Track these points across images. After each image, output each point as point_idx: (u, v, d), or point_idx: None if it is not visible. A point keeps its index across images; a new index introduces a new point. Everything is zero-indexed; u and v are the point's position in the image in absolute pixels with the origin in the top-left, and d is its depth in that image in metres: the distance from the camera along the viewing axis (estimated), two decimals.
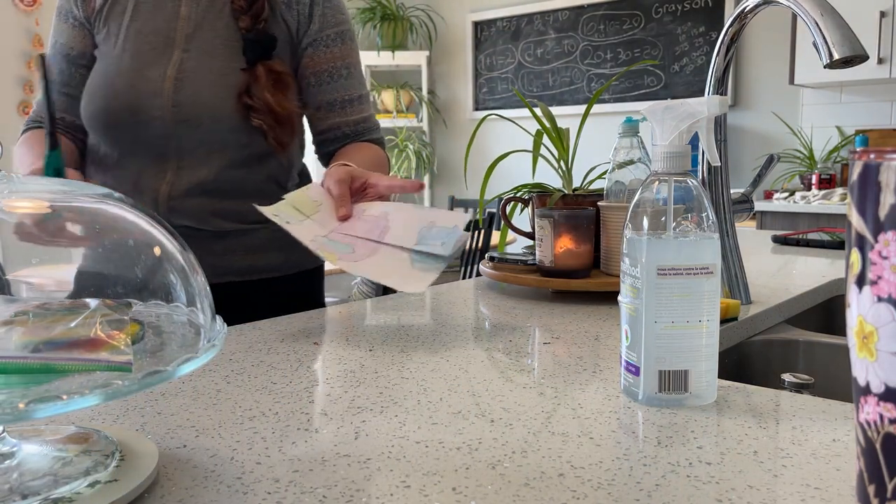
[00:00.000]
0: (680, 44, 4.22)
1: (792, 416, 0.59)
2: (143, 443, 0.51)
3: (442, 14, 5.15)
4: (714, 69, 1.00)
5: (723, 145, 1.01)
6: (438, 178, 5.31)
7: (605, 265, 1.08)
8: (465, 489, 0.47)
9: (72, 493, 0.43)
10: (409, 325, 0.92)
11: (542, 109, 1.18)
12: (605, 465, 0.50)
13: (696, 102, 0.62)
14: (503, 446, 0.53)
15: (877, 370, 0.38)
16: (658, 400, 0.61)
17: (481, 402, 0.63)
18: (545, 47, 4.74)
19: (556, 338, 0.85)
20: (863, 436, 0.40)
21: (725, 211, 1.01)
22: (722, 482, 0.47)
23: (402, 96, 5.02)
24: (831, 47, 0.83)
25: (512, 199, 1.20)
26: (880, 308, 0.37)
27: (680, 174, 0.61)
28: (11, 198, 0.47)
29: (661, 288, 0.59)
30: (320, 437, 0.55)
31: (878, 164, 0.37)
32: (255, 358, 0.77)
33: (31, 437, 0.50)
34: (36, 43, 3.56)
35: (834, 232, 1.72)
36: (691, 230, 0.60)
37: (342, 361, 0.76)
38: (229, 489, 0.47)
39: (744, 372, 0.94)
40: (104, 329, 0.45)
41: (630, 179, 1.07)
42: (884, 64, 3.31)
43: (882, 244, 0.37)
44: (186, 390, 0.67)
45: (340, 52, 1.22)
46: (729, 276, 1.01)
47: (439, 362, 0.75)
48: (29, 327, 0.44)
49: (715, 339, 0.61)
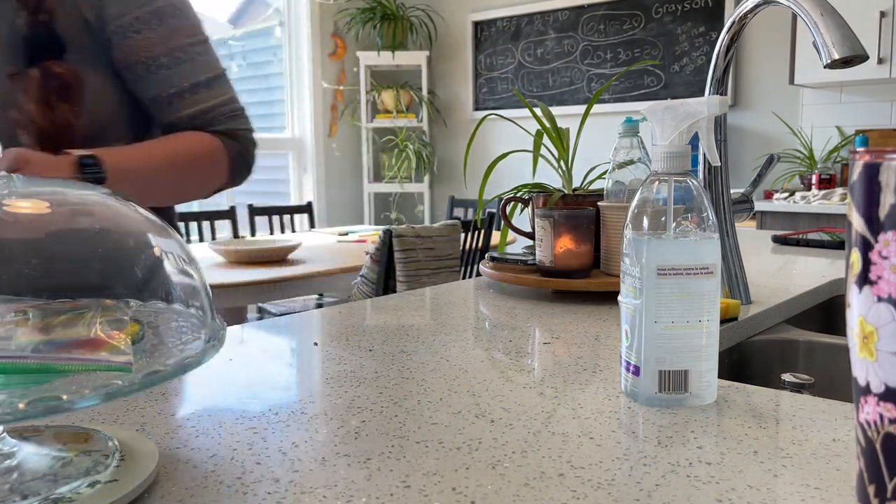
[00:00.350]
0: (680, 44, 4.22)
1: (792, 416, 0.59)
2: (143, 443, 0.51)
3: (442, 14, 5.15)
4: (714, 69, 1.00)
5: (723, 145, 1.01)
6: (438, 178, 5.31)
7: (605, 265, 1.08)
8: (465, 489, 0.47)
9: (72, 493, 0.43)
10: (409, 325, 0.92)
11: (542, 109, 1.18)
12: (605, 465, 0.50)
13: (696, 102, 0.62)
14: (503, 446, 0.53)
15: (877, 370, 0.38)
16: (658, 400, 0.61)
17: (481, 402, 0.63)
18: (545, 47, 4.74)
19: (556, 338, 0.85)
20: (863, 436, 0.40)
21: (725, 211, 1.01)
22: (722, 482, 0.47)
23: (402, 96, 5.02)
24: (831, 47, 0.83)
25: (512, 199, 1.20)
26: (880, 308, 0.37)
27: (680, 174, 0.61)
28: (11, 198, 0.47)
29: (661, 288, 0.59)
30: (320, 437, 0.55)
31: (878, 164, 0.37)
32: (255, 358, 0.77)
33: (31, 437, 0.50)
34: None
35: (834, 232, 1.72)
36: (691, 230, 0.60)
37: (342, 361, 0.76)
38: (229, 489, 0.47)
39: (744, 372, 0.94)
40: (104, 329, 0.45)
41: (630, 179, 1.07)
42: (884, 64, 3.31)
43: (882, 244, 0.37)
44: (186, 390, 0.67)
45: (158, 36, 1.00)
46: (729, 276, 1.01)
47: (439, 362, 0.75)
48: (29, 327, 0.44)
49: (715, 339, 0.61)
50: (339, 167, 5.16)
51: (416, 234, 2.52)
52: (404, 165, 4.99)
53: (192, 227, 3.63)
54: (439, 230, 2.59)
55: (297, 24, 4.95)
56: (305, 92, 4.97)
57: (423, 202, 5.17)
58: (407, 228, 2.50)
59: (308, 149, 5.01)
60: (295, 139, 5.04)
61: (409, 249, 2.50)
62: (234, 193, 4.53)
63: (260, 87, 5.62)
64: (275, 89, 5.18)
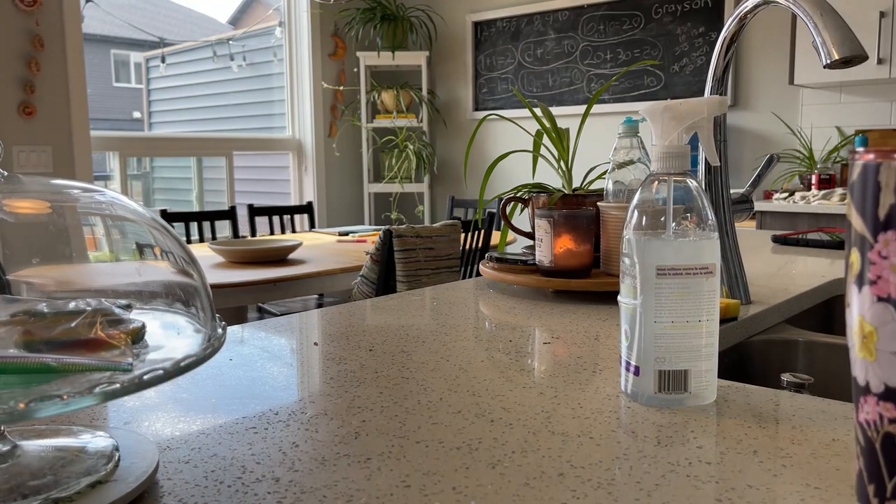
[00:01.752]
0: (680, 44, 4.22)
1: (791, 415, 0.59)
2: (143, 443, 0.51)
3: (442, 14, 5.15)
4: (714, 69, 1.00)
5: (723, 145, 1.01)
6: (438, 179, 5.31)
7: (605, 265, 1.08)
8: (465, 489, 0.47)
9: (72, 493, 0.43)
10: (409, 325, 0.92)
11: (542, 110, 1.18)
12: (605, 465, 0.50)
13: (696, 102, 0.62)
14: (503, 446, 0.53)
15: (876, 370, 0.38)
16: (658, 400, 0.61)
17: (481, 401, 0.63)
18: (545, 47, 4.74)
19: (556, 338, 0.85)
20: (862, 435, 0.40)
21: (725, 211, 1.01)
22: (722, 482, 0.47)
23: (402, 96, 5.02)
24: (831, 47, 0.83)
25: (512, 199, 1.20)
26: (880, 308, 0.37)
27: (679, 174, 0.61)
28: (11, 197, 0.47)
29: (660, 288, 0.59)
30: (320, 437, 0.55)
31: (877, 164, 0.37)
32: (256, 358, 0.78)
33: (31, 437, 0.50)
34: (36, 43, 3.55)
35: (833, 232, 1.72)
36: (691, 230, 0.60)
37: (342, 361, 0.76)
38: (229, 489, 0.47)
39: (744, 372, 0.94)
40: (104, 329, 0.45)
41: (630, 179, 1.08)
42: (884, 64, 3.31)
43: (882, 244, 0.37)
44: (187, 390, 0.67)
45: None
46: (729, 276, 1.01)
47: (439, 362, 0.75)
48: (29, 327, 0.44)
49: (715, 339, 0.61)
50: (339, 167, 5.16)
51: (416, 234, 2.52)
52: (404, 166, 4.99)
53: (192, 227, 3.63)
54: (439, 230, 2.59)
55: (298, 25, 4.95)
56: (306, 92, 4.97)
57: (423, 202, 5.17)
58: (407, 228, 2.50)
59: (308, 149, 5.01)
60: (295, 139, 5.05)
61: (409, 249, 2.50)
62: (234, 194, 4.53)
63: (260, 88, 5.63)
64: (275, 89, 5.18)
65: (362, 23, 4.97)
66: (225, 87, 6.35)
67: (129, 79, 9.78)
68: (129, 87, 9.62)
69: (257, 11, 5.30)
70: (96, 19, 7.95)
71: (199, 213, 3.72)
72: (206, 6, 4.38)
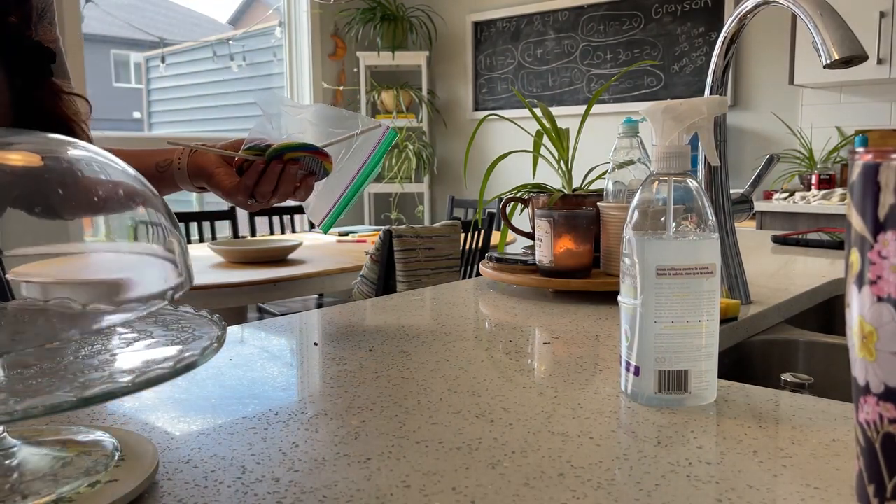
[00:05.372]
0: (680, 44, 4.22)
1: (791, 415, 0.59)
2: (143, 443, 0.51)
3: (442, 14, 5.14)
4: (714, 69, 1.00)
5: (723, 145, 1.01)
6: (438, 179, 5.31)
7: (605, 265, 1.08)
8: (465, 489, 0.47)
9: (72, 493, 0.43)
10: (409, 325, 0.92)
11: (542, 110, 1.18)
12: (605, 465, 0.50)
13: (696, 102, 0.62)
14: (503, 446, 0.53)
15: (876, 370, 0.38)
16: (658, 400, 0.61)
17: (481, 402, 0.63)
18: (545, 47, 4.74)
19: (556, 338, 0.85)
20: (862, 436, 0.40)
21: (725, 211, 1.01)
22: (722, 482, 0.47)
23: (402, 96, 5.02)
24: (831, 47, 0.83)
25: (512, 199, 1.20)
26: (880, 308, 0.37)
27: (680, 174, 0.61)
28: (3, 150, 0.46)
29: (660, 288, 0.59)
30: (320, 437, 0.55)
31: (877, 164, 0.37)
32: (256, 358, 0.77)
33: (31, 437, 0.50)
34: None
35: (833, 232, 1.72)
36: (691, 230, 0.60)
37: (342, 361, 0.76)
38: (229, 489, 0.47)
39: (744, 372, 0.94)
40: None
41: (630, 179, 1.08)
42: (883, 64, 3.30)
43: (882, 244, 0.37)
44: (187, 390, 0.67)
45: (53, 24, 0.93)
46: (729, 276, 1.01)
47: (439, 362, 0.75)
48: None
49: (715, 339, 0.61)
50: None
51: (416, 234, 2.52)
52: (404, 166, 4.99)
53: (192, 228, 3.62)
54: (439, 230, 2.59)
55: (298, 25, 4.95)
56: (306, 92, 4.97)
57: (423, 202, 5.17)
58: (407, 228, 2.50)
59: None
60: None
61: (409, 249, 2.50)
62: None
63: (260, 88, 5.62)
64: (275, 90, 5.18)
65: (362, 23, 4.97)
66: (225, 88, 6.35)
67: (128, 79, 9.78)
68: (128, 87, 9.62)
69: (257, 11, 5.30)
70: (96, 19, 7.94)
71: (199, 213, 3.72)
72: (205, 6, 4.39)
